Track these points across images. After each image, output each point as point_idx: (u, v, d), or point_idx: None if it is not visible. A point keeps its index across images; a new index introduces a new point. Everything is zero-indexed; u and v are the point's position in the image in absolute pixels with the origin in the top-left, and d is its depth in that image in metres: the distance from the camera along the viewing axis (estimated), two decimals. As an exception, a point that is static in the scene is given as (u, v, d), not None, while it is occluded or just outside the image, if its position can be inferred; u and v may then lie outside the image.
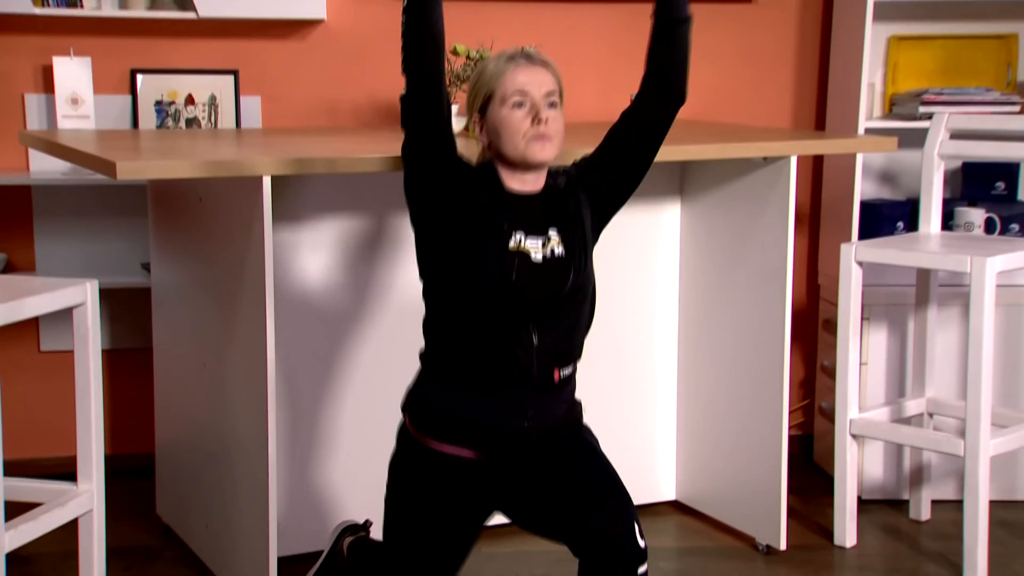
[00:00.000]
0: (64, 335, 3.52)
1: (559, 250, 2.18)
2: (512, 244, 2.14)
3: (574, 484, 2.15)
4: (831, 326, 3.67)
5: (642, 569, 2.09)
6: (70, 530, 2.65)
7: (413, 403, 2.27)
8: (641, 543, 2.09)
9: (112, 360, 3.66)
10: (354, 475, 3.09)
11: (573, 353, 2.24)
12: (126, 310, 3.63)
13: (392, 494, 2.30)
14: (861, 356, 3.38)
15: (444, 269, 2.17)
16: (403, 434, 2.29)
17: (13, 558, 2.89)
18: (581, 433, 2.29)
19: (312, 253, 3.00)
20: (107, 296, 3.48)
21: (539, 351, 2.16)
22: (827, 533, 3.33)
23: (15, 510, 2.52)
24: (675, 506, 3.49)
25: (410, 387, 2.30)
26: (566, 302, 2.18)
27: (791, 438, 3.39)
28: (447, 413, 2.19)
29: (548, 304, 2.16)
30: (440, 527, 2.23)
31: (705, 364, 3.37)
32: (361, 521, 2.74)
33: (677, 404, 3.47)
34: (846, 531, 3.27)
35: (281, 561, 2.74)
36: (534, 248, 2.15)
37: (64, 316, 2.65)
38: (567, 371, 2.21)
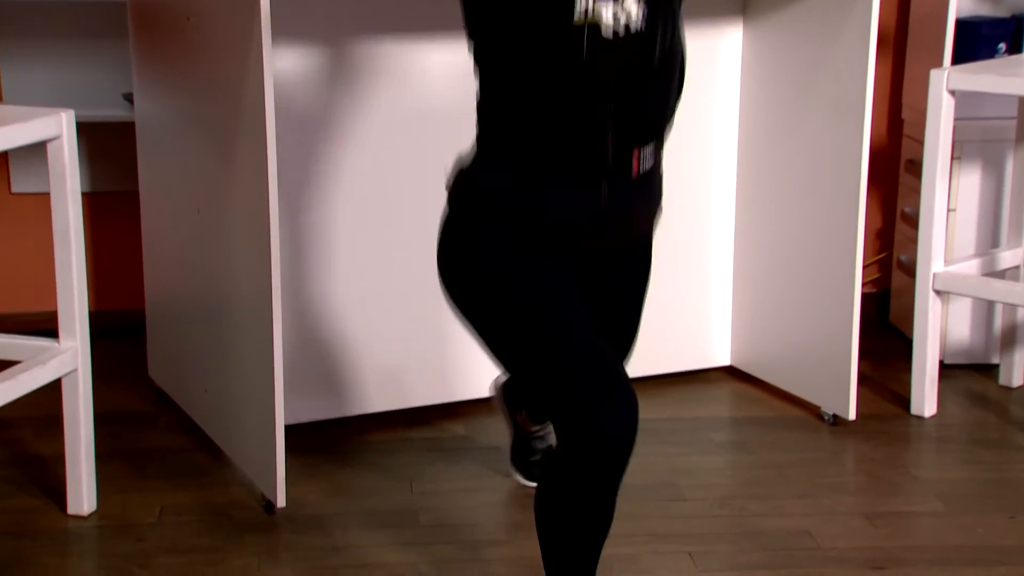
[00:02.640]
0: (38, 175, 3.51)
1: (638, 13, 2.07)
2: (579, 12, 2.02)
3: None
4: (915, 167, 3.61)
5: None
6: (53, 392, 2.68)
7: (464, 189, 2.11)
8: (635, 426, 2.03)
9: (94, 204, 3.67)
10: (374, 329, 3.10)
11: (657, 134, 2.11)
12: (107, 147, 3.61)
13: (482, 279, 2.06)
14: (949, 201, 3.34)
15: (497, 37, 2.04)
16: (452, 220, 2.11)
17: (-8, 423, 2.96)
18: (647, 257, 2.22)
19: (316, 78, 2.96)
20: (85, 131, 3.45)
21: (616, 132, 2.03)
22: (903, 402, 3.34)
23: (-8, 369, 2.56)
24: (729, 372, 3.51)
25: (459, 171, 2.14)
26: (649, 77, 2.07)
27: (864, 296, 3.37)
28: (506, 200, 2.06)
29: (627, 81, 2.05)
30: (548, 269, 2.04)
31: (767, 211, 3.33)
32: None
33: (734, 256, 3.44)
34: (925, 399, 3.27)
35: (289, 430, 2.77)
36: (607, 15, 2.03)
37: (37, 152, 2.63)
38: (649, 157, 2.11)
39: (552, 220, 2.07)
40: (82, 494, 2.71)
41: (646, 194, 2.14)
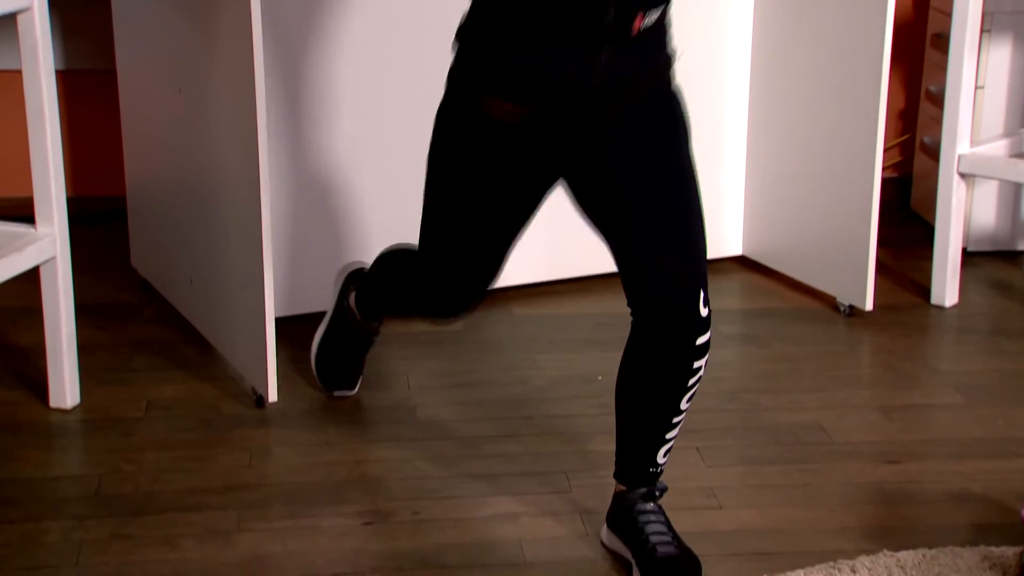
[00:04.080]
0: (8, 51, 3.48)
1: None
2: None
3: (643, 208, 2.10)
4: (942, 42, 3.58)
5: (701, 340, 2.11)
6: (31, 281, 2.70)
7: (464, 39, 2.15)
8: (704, 311, 2.10)
9: (69, 84, 3.65)
10: (367, 215, 3.11)
11: None
12: (81, 22, 3.58)
13: (433, 154, 2.25)
14: (977, 78, 3.32)
15: None
16: (452, 76, 2.19)
17: (-32, 315, 2.99)
18: (670, 107, 2.16)
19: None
20: (58, 3, 3.41)
21: None
22: (923, 291, 3.36)
23: (-34, 258, 2.57)
24: (741, 262, 3.53)
25: (463, 19, 2.17)
26: None
27: (884, 180, 3.37)
28: (502, 59, 2.09)
29: None
30: (489, 194, 2.19)
31: (782, 90, 3.32)
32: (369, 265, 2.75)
33: (747, 138, 3.43)
34: (946, 287, 3.29)
35: (280, 322, 2.79)
36: None
37: (6, 27, 2.60)
38: (653, 15, 2.08)
39: (549, 84, 2.06)
40: (65, 387, 2.74)
41: (649, 53, 2.11)
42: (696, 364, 2.13)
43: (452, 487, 2.49)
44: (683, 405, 2.17)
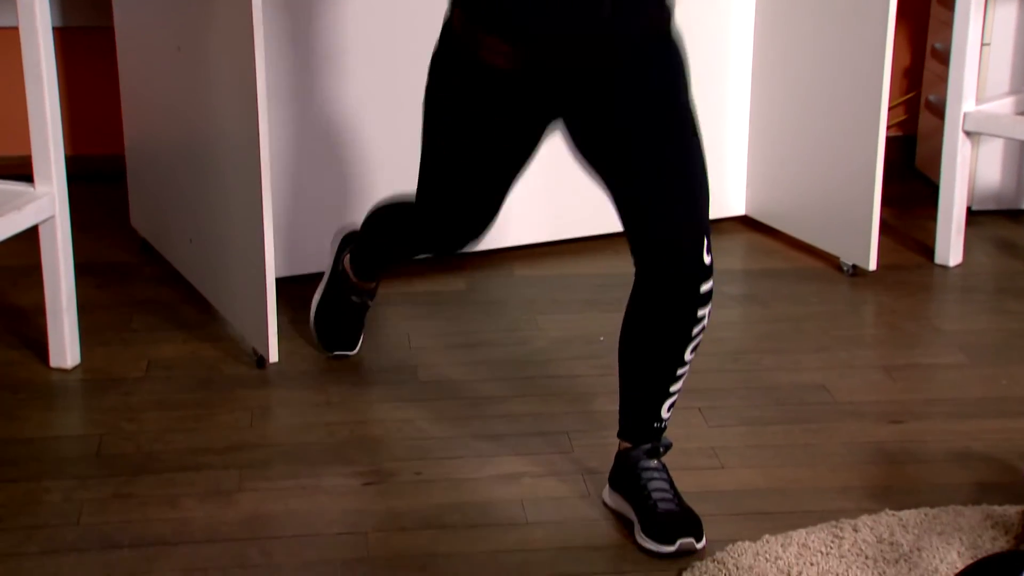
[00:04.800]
0: (5, 7, 3.48)
1: None
2: None
3: (646, 152, 2.11)
4: None
5: (705, 287, 2.13)
6: (30, 241, 2.71)
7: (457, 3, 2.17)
8: (707, 259, 2.12)
9: (66, 41, 3.64)
10: (370, 174, 3.11)
11: None
12: (79, -20, 3.57)
13: (429, 100, 2.28)
14: (983, 35, 3.31)
15: None
16: (450, 20, 2.21)
17: (-33, 275, 3.00)
18: (670, 54, 2.17)
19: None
20: (54, -37, 3.42)
21: None
22: (927, 250, 3.37)
23: (-36, 218, 2.58)
24: (744, 222, 3.53)
25: None
26: None
27: (889, 139, 3.37)
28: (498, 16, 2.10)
29: None
30: (486, 139, 2.22)
31: (785, 45, 3.31)
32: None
33: (750, 96, 3.43)
34: (950, 247, 3.30)
35: (280, 282, 2.81)
36: None
37: (3, -16, 2.61)
38: None
39: (549, 26, 2.07)
40: (65, 346, 2.76)
41: (650, 1, 2.12)
42: (700, 312, 2.15)
43: (453, 447, 2.51)
44: (687, 356, 2.19)
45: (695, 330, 2.16)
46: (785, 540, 2.19)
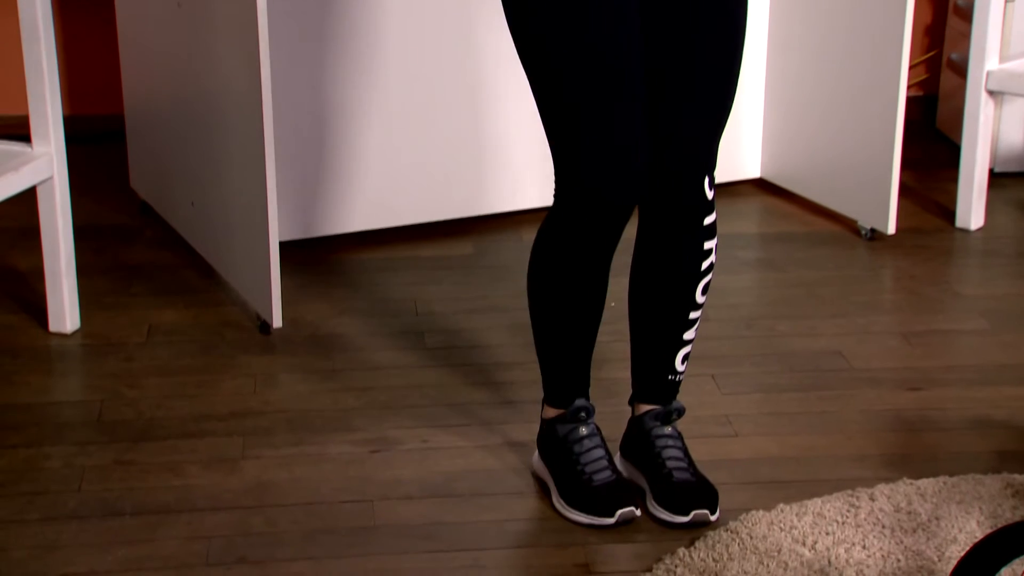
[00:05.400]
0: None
1: None
2: None
3: (697, 78, 2.06)
4: (969, -44, 3.54)
5: (709, 220, 2.14)
6: (28, 202, 2.70)
7: None
8: (709, 194, 2.13)
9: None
10: (375, 138, 3.09)
11: None
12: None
13: (518, 16, 2.05)
14: (1007, -8, 3.28)
15: None
16: None
17: (-35, 238, 2.99)
18: None
19: None
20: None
21: None
22: (947, 214, 3.34)
23: (-39, 179, 2.57)
24: (759, 185, 3.51)
25: None
26: None
27: (909, 99, 3.35)
28: None
29: None
30: (604, 28, 2.02)
31: (803, 4, 3.28)
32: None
33: (766, 54, 3.40)
34: (972, 210, 3.27)
35: (284, 246, 2.79)
36: None
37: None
38: None
39: None
40: (64, 311, 2.74)
41: None
42: (707, 245, 2.15)
43: (460, 415, 2.49)
44: (699, 298, 2.18)
45: (704, 265, 2.16)
46: (800, 509, 2.18)
